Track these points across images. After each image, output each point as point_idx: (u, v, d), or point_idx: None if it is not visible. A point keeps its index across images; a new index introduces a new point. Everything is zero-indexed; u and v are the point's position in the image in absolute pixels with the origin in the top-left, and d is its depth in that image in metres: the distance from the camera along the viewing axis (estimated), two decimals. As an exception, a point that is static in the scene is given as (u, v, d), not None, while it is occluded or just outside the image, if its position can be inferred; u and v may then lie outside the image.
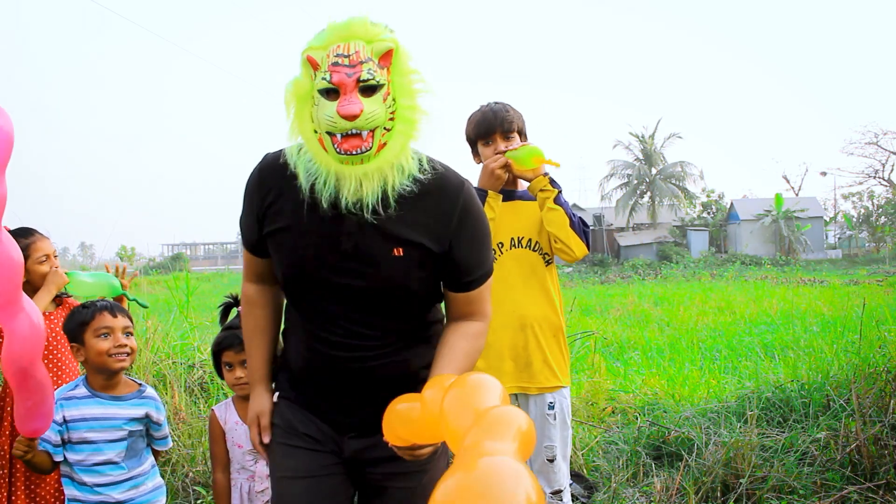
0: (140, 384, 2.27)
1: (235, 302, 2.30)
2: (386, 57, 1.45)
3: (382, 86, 1.44)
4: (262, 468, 2.29)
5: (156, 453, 2.31)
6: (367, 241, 1.53)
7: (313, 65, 1.45)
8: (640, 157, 40.33)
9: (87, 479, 2.10)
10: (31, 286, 2.49)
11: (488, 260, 1.66)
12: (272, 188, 1.60)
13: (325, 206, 1.48)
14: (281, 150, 1.62)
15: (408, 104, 1.48)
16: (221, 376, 2.39)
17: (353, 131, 1.42)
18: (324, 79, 1.42)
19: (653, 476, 3.62)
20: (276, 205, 1.59)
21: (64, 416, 2.09)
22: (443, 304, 1.74)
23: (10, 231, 2.54)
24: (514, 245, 2.51)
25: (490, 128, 2.51)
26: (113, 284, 2.62)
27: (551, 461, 2.46)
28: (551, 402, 2.45)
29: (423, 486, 1.66)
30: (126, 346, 2.16)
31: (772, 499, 3.31)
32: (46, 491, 2.45)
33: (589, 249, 2.49)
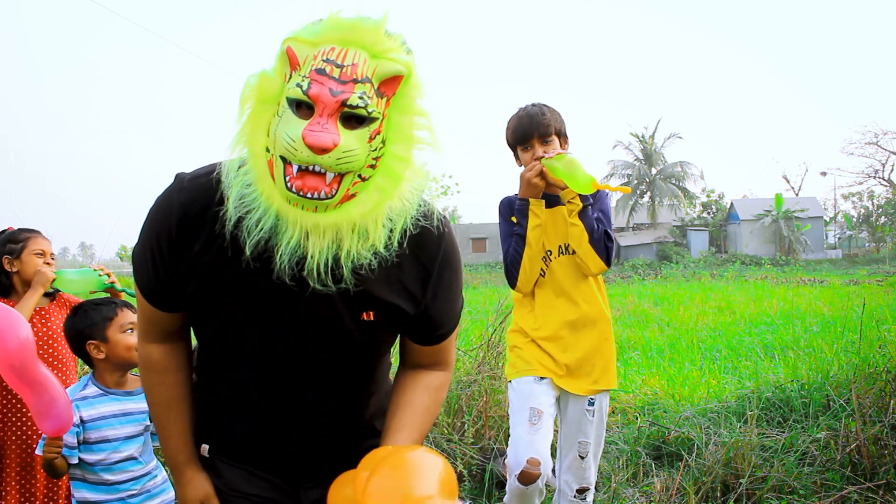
0: None
1: None
2: (390, 83, 1.09)
3: (374, 120, 1.08)
4: None
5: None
6: (326, 306, 1.20)
7: (292, 61, 1.08)
8: (640, 157, 40.35)
9: (110, 477, 2.11)
10: (21, 277, 2.54)
11: (458, 309, 1.42)
12: (198, 227, 1.19)
13: (247, 253, 1.12)
14: (213, 167, 1.21)
15: (400, 153, 1.11)
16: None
17: (316, 168, 1.05)
18: (299, 85, 1.06)
19: (653, 476, 3.62)
20: (203, 253, 1.19)
21: (81, 417, 2.08)
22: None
23: (16, 229, 2.63)
24: (562, 252, 2.50)
25: (527, 133, 2.46)
26: (100, 279, 2.62)
27: (583, 458, 2.50)
28: (592, 399, 2.50)
29: None
30: None
31: (772, 499, 3.31)
32: (37, 488, 2.45)
33: (609, 265, 2.45)
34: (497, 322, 4.23)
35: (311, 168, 1.05)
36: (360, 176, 1.09)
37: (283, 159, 1.07)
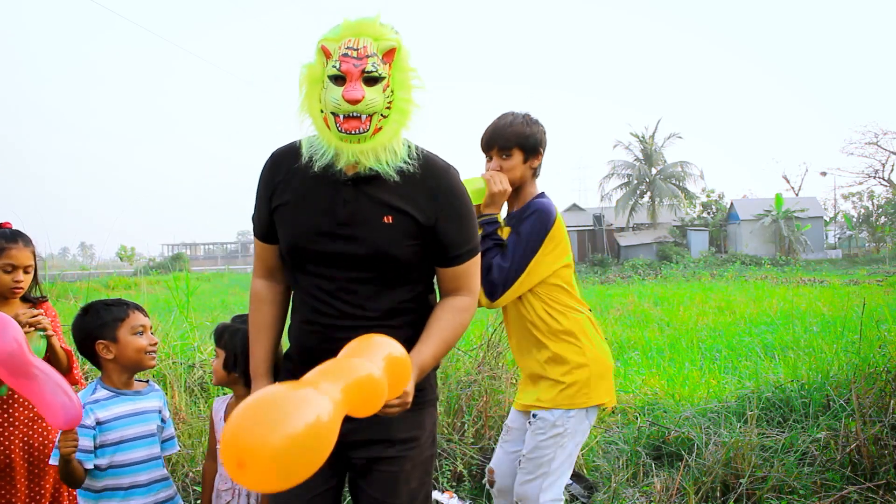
0: (146, 380, 2.32)
1: (225, 330, 2.31)
2: (389, 54, 1.64)
3: (383, 78, 1.64)
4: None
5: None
6: (360, 208, 1.70)
7: (326, 53, 1.64)
8: (640, 157, 40.32)
9: (124, 480, 2.11)
10: None
11: (474, 238, 1.81)
12: (282, 168, 1.78)
13: (320, 175, 1.69)
14: (290, 143, 1.81)
15: (404, 97, 1.67)
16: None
17: (354, 114, 1.61)
18: (334, 66, 1.62)
19: (653, 476, 3.62)
20: (285, 182, 1.77)
21: (97, 419, 2.08)
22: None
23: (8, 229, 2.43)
24: None
25: (487, 143, 2.44)
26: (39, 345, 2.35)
27: (519, 468, 2.42)
28: (534, 413, 2.40)
29: (407, 470, 1.77)
30: (156, 342, 2.24)
31: (772, 499, 3.31)
32: (44, 497, 2.43)
33: (492, 300, 2.32)
34: (497, 322, 4.23)
35: (351, 115, 1.61)
36: (382, 115, 1.64)
37: (333, 114, 1.62)
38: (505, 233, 2.42)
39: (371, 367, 1.36)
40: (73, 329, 2.22)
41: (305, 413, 1.15)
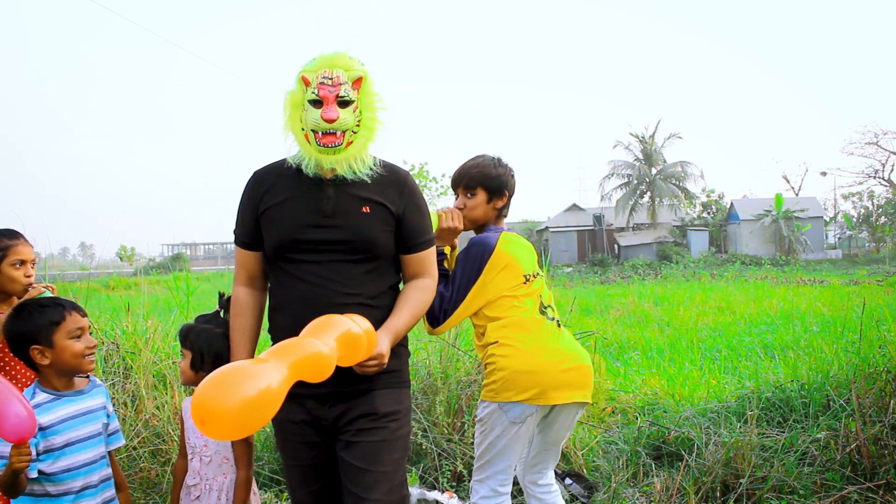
0: (87, 376, 2.21)
1: (228, 302, 2.31)
2: (357, 82, 2.01)
3: (353, 101, 2.00)
4: (195, 465, 2.32)
5: (112, 459, 2.23)
6: (341, 203, 2.04)
7: (306, 82, 2.00)
8: (640, 157, 40.31)
9: (77, 483, 2.04)
10: None
11: (430, 230, 2.20)
12: (265, 181, 2.10)
13: (305, 180, 2.04)
14: (269, 163, 2.15)
15: (370, 116, 2.04)
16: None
17: (330, 131, 1.97)
18: (313, 92, 1.97)
19: (653, 476, 3.62)
20: (271, 191, 2.08)
21: (39, 424, 1.96)
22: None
23: None
24: None
25: (454, 181, 2.66)
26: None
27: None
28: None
29: (389, 441, 2.04)
30: (95, 344, 2.12)
31: (772, 499, 3.31)
32: None
33: (433, 326, 2.51)
34: (497, 322, 4.23)
35: (328, 131, 1.97)
36: (353, 131, 2.00)
37: (313, 131, 1.98)
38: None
39: (320, 346, 1.66)
40: (4, 331, 2.11)
41: (257, 382, 1.48)
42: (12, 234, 2.50)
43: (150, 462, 3.57)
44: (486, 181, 2.58)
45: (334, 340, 1.71)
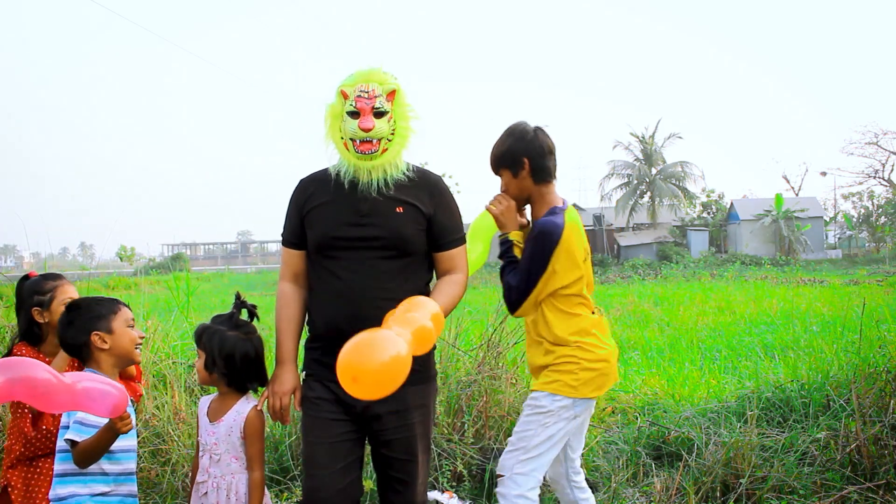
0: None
1: (243, 304, 2.43)
2: (391, 94, 2.25)
3: (388, 112, 2.24)
4: (205, 462, 2.36)
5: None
6: (378, 204, 2.26)
7: (344, 96, 2.25)
8: (640, 157, 40.28)
9: (132, 464, 2.23)
10: (52, 326, 2.48)
11: (460, 229, 2.40)
12: (310, 186, 2.36)
13: (345, 184, 2.27)
14: (313, 172, 2.40)
15: (403, 126, 2.28)
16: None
17: (367, 139, 2.21)
18: (351, 105, 2.23)
19: (653, 476, 3.62)
20: (315, 195, 2.33)
21: None
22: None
23: (39, 275, 2.55)
24: None
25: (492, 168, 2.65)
26: None
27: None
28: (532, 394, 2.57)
29: (419, 434, 2.30)
30: (144, 336, 2.35)
31: (772, 499, 3.31)
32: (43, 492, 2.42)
33: (512, 312, 2.57)
34: (497, 322, 4.23)
35: (365, 139, 2.21)
36: (387, 139, 2.24)
37: (352, 139, 2.23)
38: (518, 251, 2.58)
39: (425, 320, 1.92)
40: (61, 326, 2.25)
41: (393, 347, 1.76)
42: (55, 277, 2.63)
43: (150, 462, 3.58)
44: (500, 161, 2.56)
45: (430, 316, 1.96)
